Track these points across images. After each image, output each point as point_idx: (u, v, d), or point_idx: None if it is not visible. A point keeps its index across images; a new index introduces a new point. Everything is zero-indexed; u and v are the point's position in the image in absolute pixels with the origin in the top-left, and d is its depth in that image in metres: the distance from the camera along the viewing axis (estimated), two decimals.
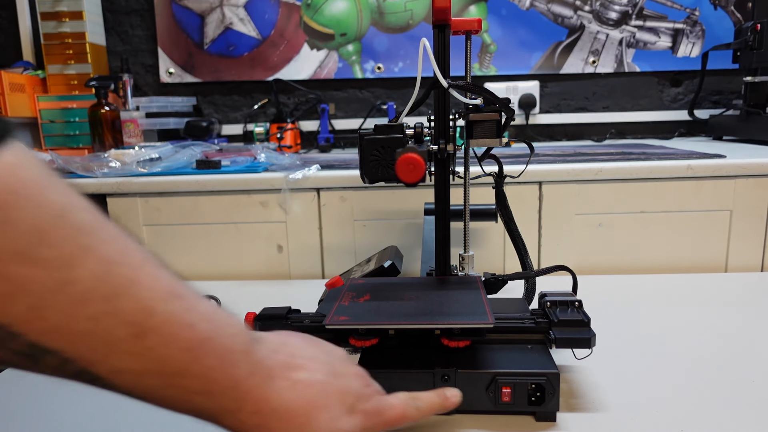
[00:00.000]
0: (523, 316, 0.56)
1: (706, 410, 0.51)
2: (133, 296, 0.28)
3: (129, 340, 0.27)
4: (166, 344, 0.29)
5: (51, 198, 0.26)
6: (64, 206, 0.26)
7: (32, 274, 0.25)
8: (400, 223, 0.98)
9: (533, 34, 1.60)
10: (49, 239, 0.25)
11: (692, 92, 1.61)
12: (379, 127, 0.59)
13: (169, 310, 0.29)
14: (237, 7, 1.62)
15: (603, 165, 0.96)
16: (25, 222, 0.24)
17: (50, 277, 0.25)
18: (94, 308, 0.26)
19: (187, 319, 0.30)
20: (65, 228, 0.26)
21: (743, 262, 0.97)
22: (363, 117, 1.65)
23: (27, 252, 0.24)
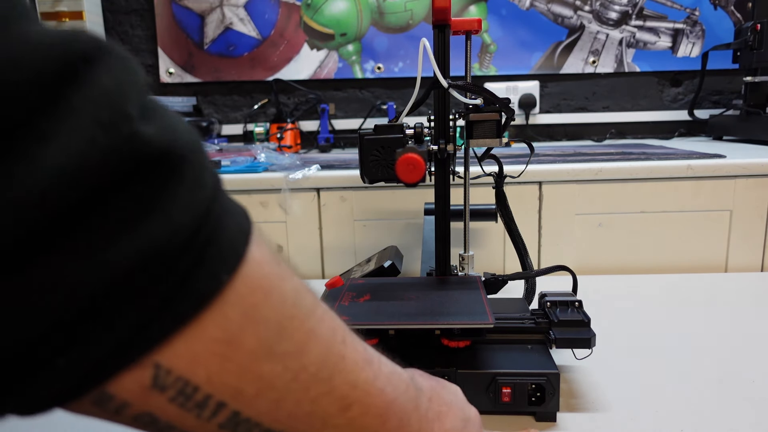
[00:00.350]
0: (523, 316, 0.56)
1: (706, 410, 0.51)
2: (343, 372, 0.28)
3: (338, 414, 0.28)
4: (365, 413, 0.29)
5: (287, 289, 0.26)
6: (295, 293, 0.26)
7: (276, 369, 0.25)
8: (400, 223, 0.98)
9: (533, 34, 1.60)
10: (288, 332, 0.25)
11: (692, 92, 1.61)
12: (379, 127, 0.59)
13: (365, 379, 0.29)
14: (237, 7, 1.62)
15: (603, 165, 0.96)
16: (273, 320, 0.24)
17: (288, 369, 0.25)
18: (316, 390, 0.27)
19: (378, 386, 0.30)
20: (297, 317, 0.26)
21: (743, 262, 0.97)
22: (363, 117, 1.65)
23: (273, 348, 0.24)
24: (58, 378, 0.20)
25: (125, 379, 0.21)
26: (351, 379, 0.28)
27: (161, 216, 0.20)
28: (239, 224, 0.24)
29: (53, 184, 0.17)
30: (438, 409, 0.36)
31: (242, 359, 0.23)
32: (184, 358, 0.22)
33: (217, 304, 0.22)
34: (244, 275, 0.23)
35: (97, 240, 0.18)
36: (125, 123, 0.19)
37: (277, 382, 0.25)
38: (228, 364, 0.23)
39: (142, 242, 0.19)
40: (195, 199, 0.21)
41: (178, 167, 0.20)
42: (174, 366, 0.22)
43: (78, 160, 0.17)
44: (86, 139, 0.18)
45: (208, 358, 0.22)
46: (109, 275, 0.19)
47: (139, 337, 0.20)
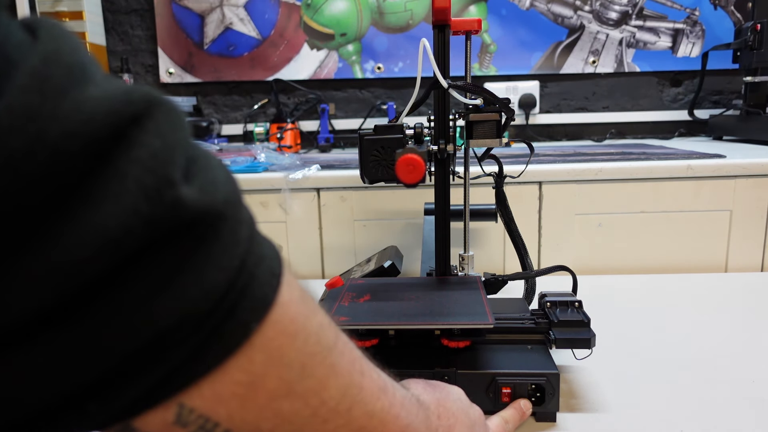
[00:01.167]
0: (523, 316, 0.56)
1: (706, 410, 0.51)
2: (361, 402, 0.29)
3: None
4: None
5: (311, 327, 0.26)
6: (318, 330, 0.27)
7: (296, 405, 0.25)
8: (400, 223, 0.98)
9: (533, 34, 1.60)
10: (309, 370, 0.26)
11: (692, 92, 1.61)
12: (379, 128, 0.59)
13: (381, 408, 0.30)
14: (237, 7, 1.62)
15: (603, 165, 0.96)
16: (296, 361, 0.25)
17: (308, 405, 0.26)
18: (335, 423, 0.27)
19: (394, 413, 0.31)
20: (320, 354, 0.26)
21: (743, 262, 0.97)
22: (363, 117, 1.65)
23: (293, 387, 0.25)
24: (89, 419, 0.21)
25: (150, 417, 0.22)
26: (369, 410, 0.29)
27: (196, 277, 0.21)
28: (271, 268, 0.24)
29: (96, 247, 0.18)
30: (447, 424, 0.38)
31: (262, 399, 0.24)
32: (207, 398, 0.23)
33: (243, 351, 0.23)
34: (272, 321, 0.24)
35: (134, 302, 0.19)
36: (168, 189, 0.19)
37: (295, 418, 0.26)
38: (248, 404, 0.24)
39: (176, 303, 0.20)
40: (229, 256, 0.22)
41: (214, 226, 0.21)
42: (197, 406, 0.23)
43: (121, 226, 0.18)
44: (130, 206, 0.19)
45: (229, 398, 0.23)
46: (144, 335, 0.20)
47: (168, 382, 0.21)
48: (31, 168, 0.17)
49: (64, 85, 0.19)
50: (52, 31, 0.20)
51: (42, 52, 0.19)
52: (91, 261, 0.18)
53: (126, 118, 0.19)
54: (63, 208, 0.18)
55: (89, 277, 0.18)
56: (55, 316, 0.18)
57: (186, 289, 0.20)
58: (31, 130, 0.17)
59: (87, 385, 0.20)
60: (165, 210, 0.19)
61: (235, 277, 0.22)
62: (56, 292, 0.18)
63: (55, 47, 0.19)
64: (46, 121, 0.18)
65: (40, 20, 0.20)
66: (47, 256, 0.18)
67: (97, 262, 0.18)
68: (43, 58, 0.19)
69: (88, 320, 0.19)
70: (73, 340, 0.19)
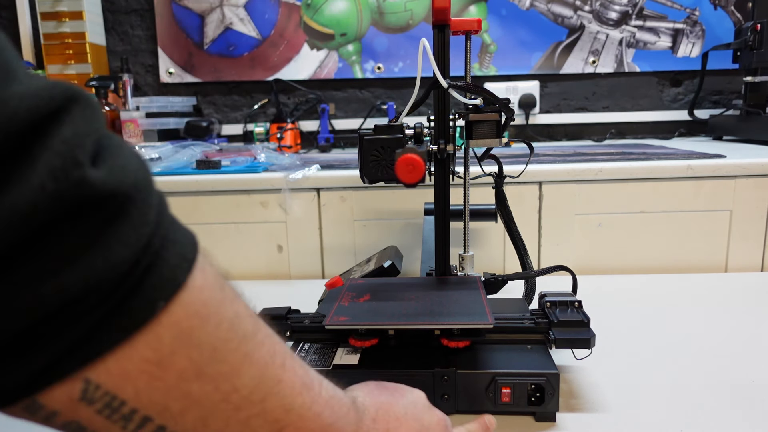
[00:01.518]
0: (523, 316, 0.56)
1: (706, 410, 0.51)
2: (278, 395, 0.29)
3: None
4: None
5: (225, 313, 0.27)
6: (233, 317, 0.27)
7: (206, 388, 0.26)
8: (400, 223, 0.98)
9: (533, 34, 1.60)
10: (221, 355, 0.26)
11: (692, 92, 1.61)
12: (379, 128, 0.59)
13: (301, 403, 0.30)
14: (237, 7, 1.62)
15: (603, 165, 0.96)
16: (207, 343, 0.26)
17: (218, 390, 0.26)
18: (248, 412, 0.28)
19: (315, 410, 0.31)
20: (234, 340, 0.27)
21: (743, 262, 0.97)
22: (363, 117, 1.65)
23: (203, 370, 0.26)
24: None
25: (55, 392, 0.22)
26: (286, 403, 0.29)
27: (102, 251, 0.22)
28: (183, 253, 0.25)
29: (4, 223, 0.20)
30: (385, 428, 0.37)
31: (171, 378, 0.25)
32: (114, 375, 0.23)
33: (150, 328, 0.23)
34: (182, 301, 0.24)
35: (41, 272, 0.21)
36: (75, 170, 0.21)
37: (205, 401, 0.26)
38: (156, 383, 0.24)
39: (81, 274, 0.21)
40: (137, 235, 0.23)
41: (122, 207, 0.23)
42: (103, 382, 0.23)
43: (27, 202, 0.20)
44: (37, 185, 0.20)
45: (137, 375, 0.24)
46: (51, 303, 0.21)
47: (72, 355, 0.22)
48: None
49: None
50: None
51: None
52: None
53: (45, 114, 0.21)
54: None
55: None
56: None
57: (91, 261, 0.21)
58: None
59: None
60: (70, 187, 0.21)
61: (140, 254, 0.23)
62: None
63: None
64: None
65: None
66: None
67: (4, 236, 0.20)
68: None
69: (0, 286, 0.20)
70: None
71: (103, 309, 0.22)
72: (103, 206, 0.22)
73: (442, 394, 0.50)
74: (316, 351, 0.55)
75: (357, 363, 0.52)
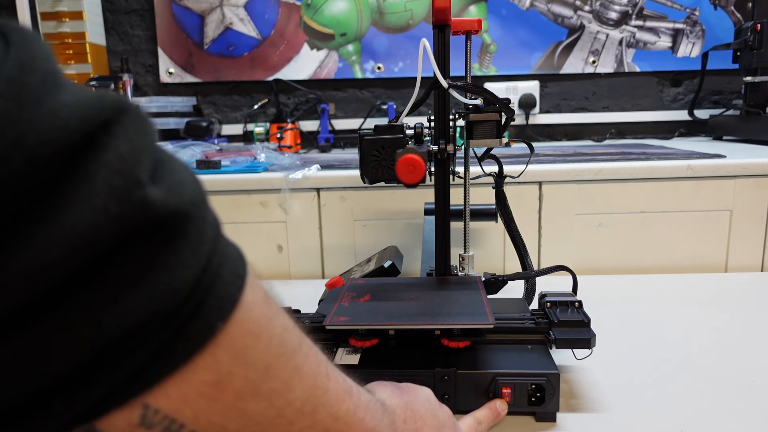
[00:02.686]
0: (523, 316, 0.56)
1: (706, 410, 0.51)
2: (326, 405, 0.29)
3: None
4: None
5: (275, 329, 0.27)
6: (282, 332, 0.27)
7: (261, 406, 0.26)
8: (400, 223, 0.98)
9: (533, 34, 1.60)
10: (274, 371, 0.26)
11: (692, 92, 1.61)
12: (379, 128, 0.59)
13: (346, 410, 0.31)
14: (237, 7, 1.62)
15: (603, 165, 0.96)
16: (261, 361, 0.25)
17: (272, 406, 0.26)
18: (300, 424, 0.28)
19: (359, 416, 0.31)
20: (284, 355, 0.27)
21: (743, 262, 0.97)
22: (363, 117, 1.65)
23: (258, 387, 0.26)
24: (54, 418, 0.21)
25: (114, 418, 0.22)
26: (333, 412, 0.29)
27: (165, 274, 0.21)
28: (235, 270, 0.25)
29: (67, 248, 0.19)
30: (413, 427, 0.38)
31: (229, 399, 0.24)
32: (173, 399, 0.23)
33: (208, 349, 0.23)
34: (237, 320, 0.24)
35: (104, 300, 0.20)
36: (136, 190, 0.20)
37: (261, 418, 0.26)
38: (215, 404, 0.24)
39: (144, 300, 0.21)
40: (196, 255, 0.22)
41: (182, 226, 0.22)
42: (162, 406, 0.23)
43: (91, 226, 0.19)
44: (99, 206, 0.19)
45: (195, 398, 0.23)
46: (113, 332, 0.20)
47: (132, 382, 0.22)
48: (6, 173, 0.18)
49: (39, 92, 0.19)
50: (25, 38, 0.20)
51: (17, 59, 0.19)
52: (61, 261, 0.19)
53: (97, 124, 0.20)
54: (34, 211, 0.18)
55: (60, 276, 0.19)
56: (25, 314, 0.19)
57: (154, 286, 0.21)
58: (9, 137, 0.18)
59: (54, 382, 0.20)
60: (133, 209, 0.20)
61: (201, 275, 0.23)
62: (26, 292, 0.18)
63: (31, 54, 0.20)
64: (24, 128, 0.18)
65: (10, 25, 0.21)
66: (18, 258, 0.18)
67: (67, 263, 0.19)
68: (19, 66, 0.19)
69: (58, 317, 0.19)
70: (42, 338, 0.19)
71: (165, 334, 0.22)
72: (163, 226, 0.21)
73: (443, 394, 0.50)
74: None
75: (357, 363, 0.52)
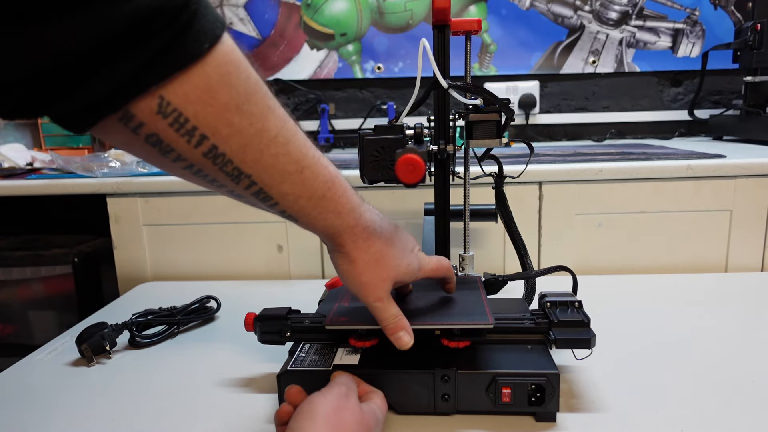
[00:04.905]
0: (523, 316, 0.56)
1: (706, 410, 0.51)
2: (296, 143, 0.40)
3: (294, 173, 0.40)
4: (314, 177, 0.41)
5: (251, 73, 0.37)
6: (257, 79, 0.37)
7: (243, 122, 0.36)
8: (400, 223, 0.97)
9: (533, 34, 1.60)
10: (253, 99, 0.36)
11: (692, 92, 1.61)
12: (379, 128, 0.59)
13: (313, 155, 0.41)
14: (237, 7, 1.61)
15: (603, 165, 0.96)
16: (242, 85, 0.36)
17: (252, 125, 0.36)
18: (275, 149, 0.38)
19: (323, 162, 0.42)
20: (260, 93, 0.37)
21: (743, 262, 0.97)
22: (363, 117, 1.65)
23: (241, 107, 0.35)
24: (93, 93, 0.30)
25: (141, 103, 0.31)
26: (303, 151, 0.40)
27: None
28: (216, 17, 0.34)
29: None
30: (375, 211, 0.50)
31: (218, 107, 0.34)
32: (179, 95, 0.32)
33: (200, 64, 0.32)
34: (221, 50, 0.34)
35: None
36: None
37: (244, 131, 0.36)
38: (208, 108, 0.34)
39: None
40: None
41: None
42: (172, 100, 0.32)
43: None
44: None
45: (194, 99, 0.33)
46: (126, 21, 0.28)
47: (147, 72, 0.31)
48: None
49: None
50: None
51: None
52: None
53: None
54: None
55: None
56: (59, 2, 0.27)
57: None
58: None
59: (89, 57, 0.28)
60: None
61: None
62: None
63: None
64: None
65: None
66: None
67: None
68: None
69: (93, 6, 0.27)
70: (84, 18, 0.27)
71: (166, 35, 0.30)
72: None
73: (443, 394, 0.50)
74: (316, 351, 0.55)
75: (357, 363, 0.52)
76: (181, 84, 0.32)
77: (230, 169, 0.37)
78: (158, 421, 0.52)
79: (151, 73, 0.31)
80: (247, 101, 0.36)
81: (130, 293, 0.94)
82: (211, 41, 0.33)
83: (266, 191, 0.39)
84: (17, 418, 0.54)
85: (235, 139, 0.35)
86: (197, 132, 0.34)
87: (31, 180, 1.05)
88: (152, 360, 0.66)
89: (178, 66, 0.31)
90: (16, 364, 0.67)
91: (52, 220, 1.43)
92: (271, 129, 0.37)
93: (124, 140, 0.34)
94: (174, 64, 0.31)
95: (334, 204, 0.44)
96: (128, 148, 0.36)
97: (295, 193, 0.41)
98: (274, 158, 0.38)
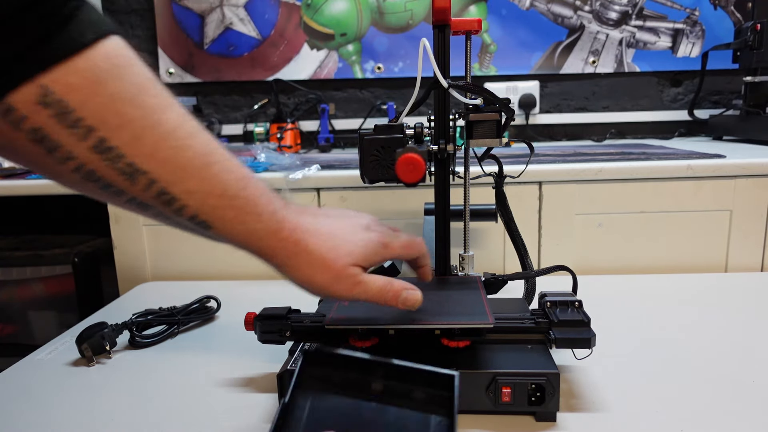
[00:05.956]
0: (523, 316, 0.56)
1: (706, 410, 0.51)
2: (201, 139, 0.37)
3: (200, 167, 0.37)
4: (225, 173, 0.38)
5: (145, 71, 0.35)
6: (153, 78, 0.36)
7: (136, 114, 0.34)
8: (400, 223, 0.98)
9: (533, 34, 1.60)
10: (148, 92, 0.35)
11: (692, 92, 1.61)
12: (379, 127, 0.59)
13: (222, 153, 0.39)
14: (237, 7, 1.62)
15: (603, 165, 0.96)
16: (135, 79, 0.34)
17: (147, 117, 0.34)
18: (174, 143, 0.35)
19: (235, 162, 0.39)
20: (156, 88, 0.36)
21: (743, 262, 0.97)
22: (363, 117, 1.65)
23: (134, 99, 0.34)
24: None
25: (21, 92, 0.30)
26: (209, 146, 0.38)
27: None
28: (104, 18, 0.34)
29: None
30: (308, 210, 0.46)
31: (106, 97, 0.33)
32: (63, 84, 0.31)
33: (87, 53, 0.32)
34: (110, 45, 0.33)
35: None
36: None
37: (135, 123, 0.34)
38: (96, 98, 0.32)
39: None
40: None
41: None
42: (55, 89, 0.31)
43: None
44: None
45: (80, 88, 0.32)
46: (5, 6, 0.28)
47: (27, 60, 0.30)
48: None
49: None
50: None
51: None
52: None
53: None
54: None
55: None
56: None
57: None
58: None
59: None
60: None
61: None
62: None
63: None
64: None
65: None
66: None
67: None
68: None
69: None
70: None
71: (50, 23, 0.30)
72: None
73: None
74: None
75: None
76: (66, 73, 0.31)
77: (123, 164, 0.34)
78: (158, 421, 0.52)
79: (31, 60, 0.30)
80: (141, 94, 0.34)
81: (130, 293, 0.95)
82: (97, 35, 0.32)
83: (168, 190, 0.36)
84: (17, 418, 0.54)
85: (126, 131, 0.33)
86: (83, 122, 0.32)
87: (31, 180, 1.05)
88: (152, 360, 0.67)
89: (60, 54, 0.31)
90: (16, 364, 0.67)
91: (52, 220, 1.43)
92: (168, 122, 0.35)
93: (5, 140, 0.32)
94: (57, 51, 0.30)
95: (252, 205, 0.39)
96: (10, 150, 0.33)
97: (203, 189, 0.37)
98: (174, 151, 0.35)
